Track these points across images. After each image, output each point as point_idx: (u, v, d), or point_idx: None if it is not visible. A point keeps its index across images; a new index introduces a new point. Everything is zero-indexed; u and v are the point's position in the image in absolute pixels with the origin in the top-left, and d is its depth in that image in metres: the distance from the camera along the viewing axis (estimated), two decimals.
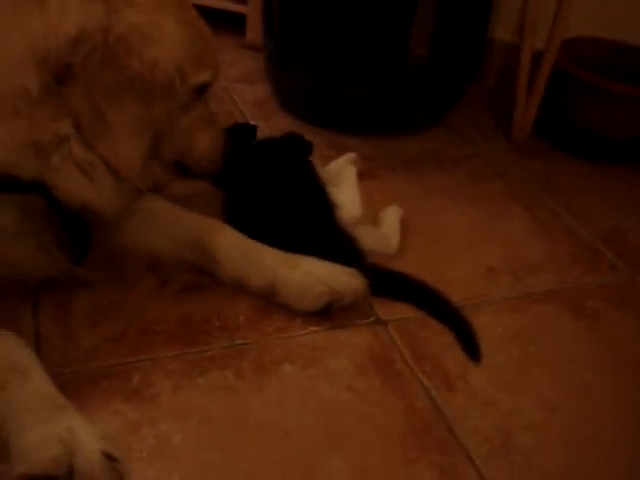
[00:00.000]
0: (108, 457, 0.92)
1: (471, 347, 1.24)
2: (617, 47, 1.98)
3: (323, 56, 1.80)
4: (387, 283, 1.33)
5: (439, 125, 1.99)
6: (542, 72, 1.86)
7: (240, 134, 1.51)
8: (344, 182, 1.52)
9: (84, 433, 0.94)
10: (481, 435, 1.09)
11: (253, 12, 2.22)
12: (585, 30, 2.00)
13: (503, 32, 2.16)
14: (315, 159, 1.53)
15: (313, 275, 1.25)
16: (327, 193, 1.41)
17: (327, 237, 1.34)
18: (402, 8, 1.69)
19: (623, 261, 1.52)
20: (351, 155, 1.63)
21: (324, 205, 1.38)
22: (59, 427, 0.94)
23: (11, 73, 1.03)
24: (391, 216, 1.50)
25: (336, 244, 1.33)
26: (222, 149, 1.33)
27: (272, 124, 1.88)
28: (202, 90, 1.22)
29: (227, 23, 2.32)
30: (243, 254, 1.28)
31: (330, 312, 1.26)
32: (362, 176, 1.66)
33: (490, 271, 1.45)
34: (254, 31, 2.23)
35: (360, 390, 1.15)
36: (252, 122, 1.76)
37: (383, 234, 1.46)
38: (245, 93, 2.05)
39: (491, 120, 2.07)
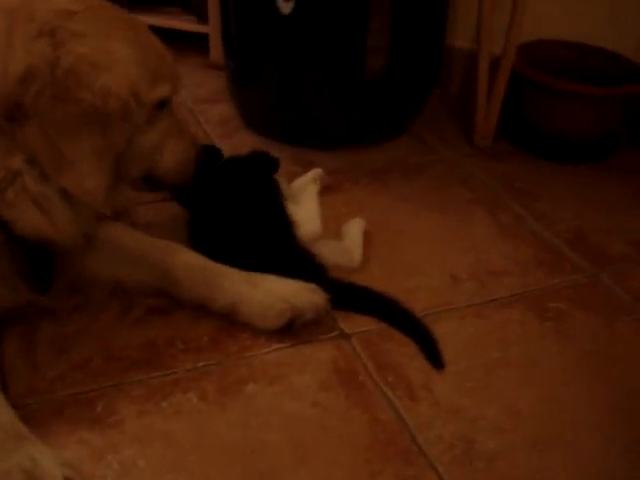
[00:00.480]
0: None
1: (433, 355, 1.25)
2: (575, 48, 2.00)
3: (282, 72, 1.81)
4: (348, 296, 1.33)
5: (403, 134, 2.01)
6: (500, 77, 1.88)
7: (205, 155, 1.52)
8: (305, 199, 1.54)
9: (46, 460, 0.96)
10: (444, 443, 1.10)
11: (215, 32, 2.24)
12: (546, 33, 2.02)
13: (463, 40, 2.18)
14: (281, 176, 1.55)
15: (273, 293, 1.26)
16: (286, 211, 1.42)
17: (286, 254, 1.35)
18: (356, 20, 1.71)
19: (587, 261, 1.53)
20: (317, 170, 1.65)
21: (283, 222, 1.39)
22: (21, 456, 0.96)
23: None
24: (354, 229, 1.51)
25: (295, 261, 1.34)
26: (194, 159, 1.35)
27: (236, 142, 1.89)
28: (162, 105, 1.23)
29: (191, 44, 2.35)
30: (203, 276, 1.29)
31: (292, 329, 1.26)
32: (328, 190, 1.69)
33: (453, 278, 1.46)
34: (217, 50, 2.23)
35: (325, 405, 1.16)
36: (216, 143, 1.77)
37: (346, 247, 1.47)
38: (209, 113, 2.06)
39: (454, 127, 2.09)
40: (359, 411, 1.15)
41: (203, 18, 2.28)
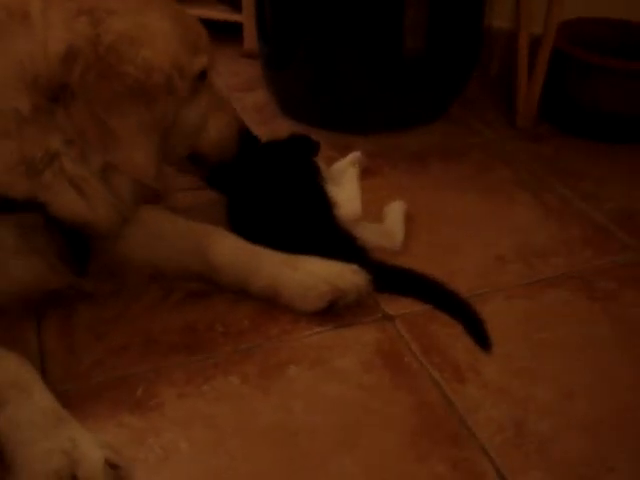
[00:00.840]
0: (111, 465, 0.93)
1: (480, 336, 1.21)
2: (616, 25, 1.95)
3: (318, 56, 1.78)
4: (390, 278, 1.30)
5: (443, 117, 1.96)
6: (541, 56, 1.83)
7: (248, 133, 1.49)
8: (345, 181, 1.51)
9: (86, 443, 0.95)
10: (494, 425, 1.06)
11: (249, 20, 2.22)
12: (584, 11, 1.96)
13: (503, 20, 2.13)
14: (319, 160, 1.52)
15: (314, 274, 1.23)
16: (326, 192, 1.39)
17: (327, 235, 1.32)
18: (394, 1, 1.67)
19: (636, 240, 1.48)
20: (356, 154, 1.62)
21: (323, 204, 1.36)
22: (61, 439, 0.95)
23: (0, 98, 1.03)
24: (395, 211, 1.48)
25: (336, 242, 1.31)
26: (237, 133, 1.34)
27: (273, 129, 1.86)
28: (203, 76, 1.22)
29: (225, 33, 2.32)
30: (242, 259, 1.27)
31: (334, 310, 1.23)
32: (367, 173, 1.66)
33: (499, 259, 1.42)
34: (251, 39, 2.22)
35: (369, 387, 1.13)
36: (253, 130, 1.75)
37: (387, 230, 1.44)
38: (245, 100, 2.04)
39: (495, 109, 2.05)
40: (405, 394, 1.11)
41: (237, 7, 2.27)
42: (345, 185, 1.49)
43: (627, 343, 1.22)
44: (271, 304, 1.26)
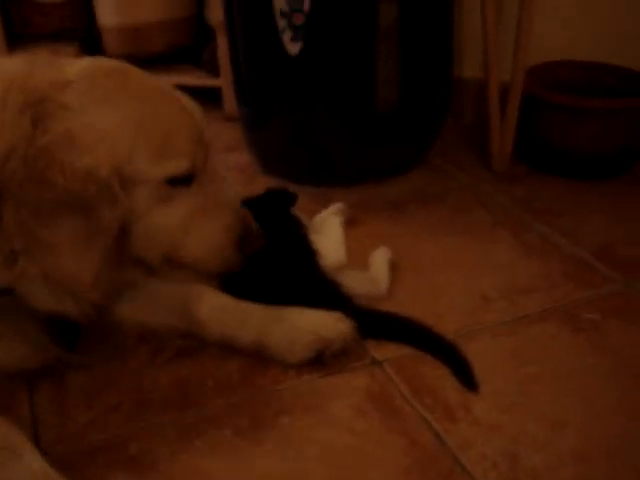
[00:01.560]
0: None
1: (466, 377, 1.22)
2: (581, 67, 2.01)
3: (294, 113, 1.84)
4: (375, 324, 1.32)
5: (420, 165, 2.01)
6: (512, 101, 1.89)
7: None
8: (328, 230, 1.54)
9: None
10: (488, 461, 1.07)
11: (227, 85, 2.28)
12: (550, 55, 2.04)
13: (472, 70, 2.21)
14: (301, 214, 1.55)
15: (300, 326, 1.25)
16: (309, 242, 1.42)
17: (311, 285, 1.34)
18: (364, 57, 1.73)
19: (617, 272, 1.51)
20: (339, 205, 1.66)
21: (306, 254, 1.39)
22: None
23: None
24: (379, 258, 1.51)
25: (321, 291, 1.34)
26: (234, 241, 1.19)
27: (255, 187, 1.87)
28: (184, 180, 1.11)
29: (207, 98, 2.38)
30: (228, 316, 1.28)
31: (322, 360, 1.25)
32: (349, 223, 1.70)
33: (483, 298, 1.44)
34: (231, 103, 2.27)
35: (361, 431, 1.13)
36: (236, 190, 1.79)
37: (372, 277, 1.46)
38: (228, 161, 2.09)
39: (470, 154, 2.10)
40: (396, 435, 1.12)
41: (215, 73, 2.34)
42: (328, 234, 1.52)
43: (613, 372, 1.23)
44: (259, 358, 1.27)
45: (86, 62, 1.12)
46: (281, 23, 1.69)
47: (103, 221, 1.03)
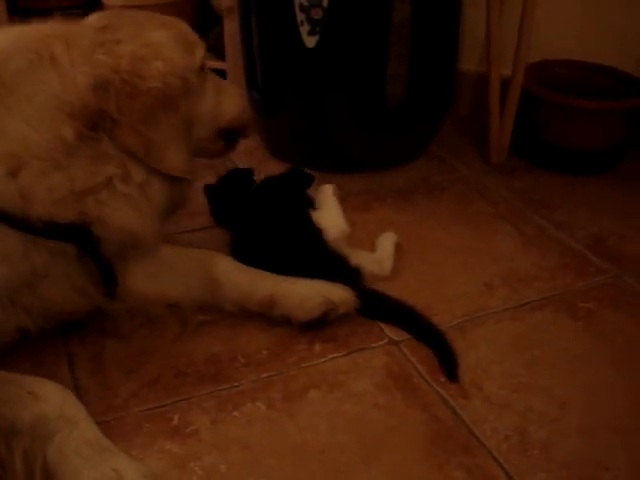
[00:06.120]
0: None
1: (450, 368, 1.31)
2: (577, 66, 2.11)
3: (307, 102, 1.92)
4: (373, 303, 1.42)
5: (422, 156, 2.11)
6: (511, 97, 1.99)
7: (237, 179, 1.63)
8: (324, 204, 1.62)
9: (129, 471, 1.04)
10: (500, 435, 1.18)
11: (233, 68, 2.34)
12: (553, 53, 2.14)
13: (470, 63, 2.30)
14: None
15: (311, 286, 1.38)
16: (311, 219, 1.53)
17: (318, 259, 1.46)
18: (377, 51, 1.82)
19: (609, 263, 1.63)
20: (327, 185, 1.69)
21: (311, 231, 1.49)
22: (106, 469, 1.03)
23: (45, 129, 1.13)
24: (386, 241, 1.60)
25: (328, 264, 1.45)
26: (245, 99, 1.52)
27: (264, 171, 1.96)
28: (203, 67, 1.36)
29: None
30: (244, 275, 1.41)
31: (325, 322, 1.37)
32: (356, 209, 1.80)
33: (487, 286, 1.55)
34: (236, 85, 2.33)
35: (385, 406, 1.24)
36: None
37: (377, 257, 1.56)
38: None
39: (469, 146, 2.20)
40: (417, 410, 1.23)
41: (221, 55, 2.39)
42: (326, 207, 1.60)
43: (609, 356, 1.35)
44: (287, 334, 1.38)
45: (107, 12, 1.39)
46: (300, 16, 1.77)
47: (186, 110, 1.28)
